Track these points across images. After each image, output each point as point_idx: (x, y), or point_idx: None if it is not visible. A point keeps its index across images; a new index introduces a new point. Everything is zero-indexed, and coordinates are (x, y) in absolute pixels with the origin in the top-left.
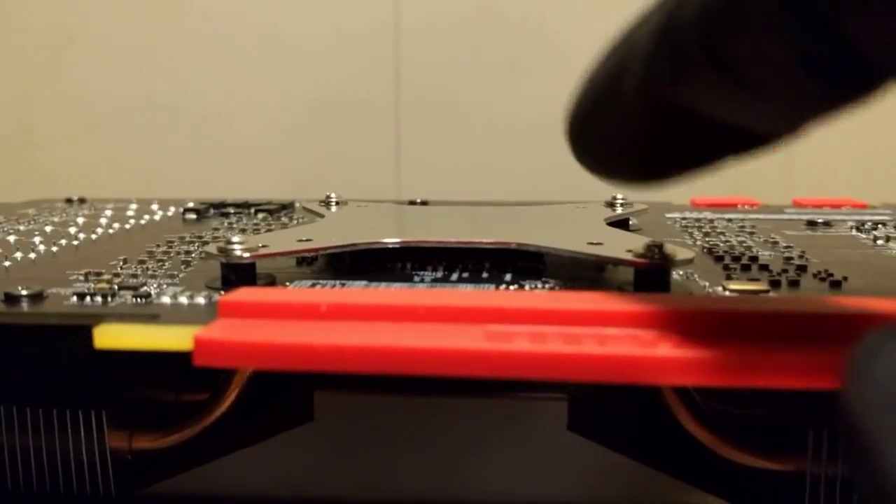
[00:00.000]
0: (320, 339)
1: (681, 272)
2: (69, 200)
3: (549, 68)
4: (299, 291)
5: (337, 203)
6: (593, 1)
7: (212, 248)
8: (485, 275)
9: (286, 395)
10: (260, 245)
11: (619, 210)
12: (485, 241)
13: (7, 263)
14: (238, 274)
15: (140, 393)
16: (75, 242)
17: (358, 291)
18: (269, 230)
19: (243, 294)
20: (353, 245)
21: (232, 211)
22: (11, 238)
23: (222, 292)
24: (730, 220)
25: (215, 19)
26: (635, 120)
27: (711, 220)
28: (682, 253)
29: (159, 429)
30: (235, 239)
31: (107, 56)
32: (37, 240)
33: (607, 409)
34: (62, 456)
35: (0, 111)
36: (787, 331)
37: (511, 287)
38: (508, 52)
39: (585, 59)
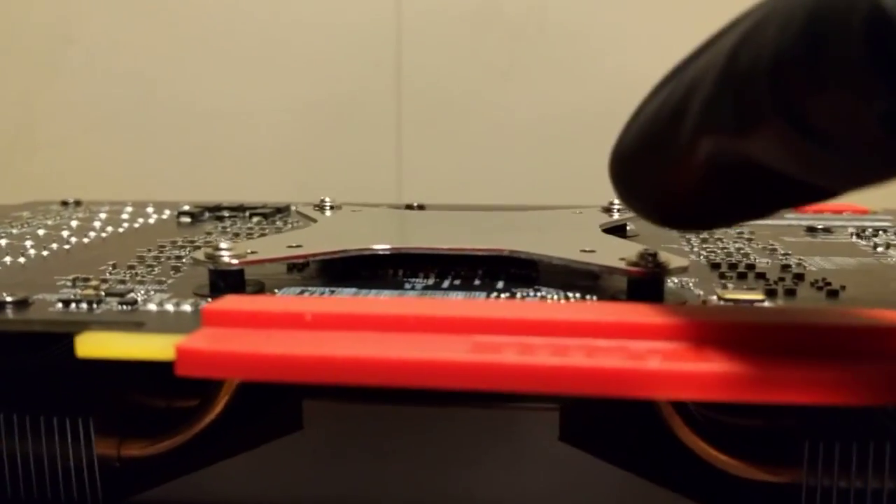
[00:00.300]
0: (303, 350)
1: (675, 280)
2: (65, 203)
3: (550, 70)
4: (284, 300)
5: (331, 207)
6: (595, 2)
7: (200, 255)
8: (477, 282)
9: (275, 403)
10: (248, 251)
11: (616, 216)
12: (477, 247)
13: None
14: (226, 281)
15: (128, 400)
16: (66, 246)
17: (344, 300)
18: (262, 234)
19: (228, 302)
20: (343, 252)
21: (227, 214)
22: (3, 242)
23: (209, 299)
24: None
25: (214, 21)
26: (690, 166)
27: None
28: (676, 261)
29: (148, 436)
30: (224, 245)
31: (106, 57)
32: (28, 244)
33: (599, 419)
34: (49, 463)
35: (0, 112)
36: (783, 343)
37: (502, 295)
38: (509, 54)
39: (586, 61)
